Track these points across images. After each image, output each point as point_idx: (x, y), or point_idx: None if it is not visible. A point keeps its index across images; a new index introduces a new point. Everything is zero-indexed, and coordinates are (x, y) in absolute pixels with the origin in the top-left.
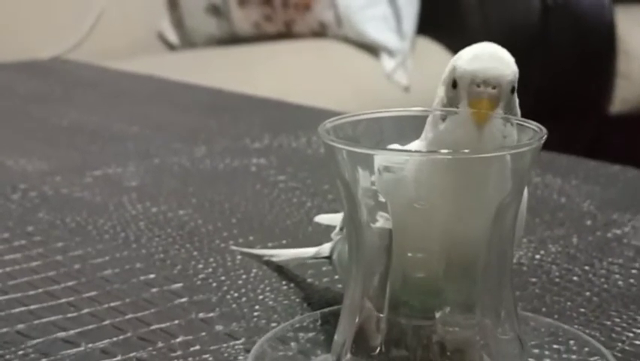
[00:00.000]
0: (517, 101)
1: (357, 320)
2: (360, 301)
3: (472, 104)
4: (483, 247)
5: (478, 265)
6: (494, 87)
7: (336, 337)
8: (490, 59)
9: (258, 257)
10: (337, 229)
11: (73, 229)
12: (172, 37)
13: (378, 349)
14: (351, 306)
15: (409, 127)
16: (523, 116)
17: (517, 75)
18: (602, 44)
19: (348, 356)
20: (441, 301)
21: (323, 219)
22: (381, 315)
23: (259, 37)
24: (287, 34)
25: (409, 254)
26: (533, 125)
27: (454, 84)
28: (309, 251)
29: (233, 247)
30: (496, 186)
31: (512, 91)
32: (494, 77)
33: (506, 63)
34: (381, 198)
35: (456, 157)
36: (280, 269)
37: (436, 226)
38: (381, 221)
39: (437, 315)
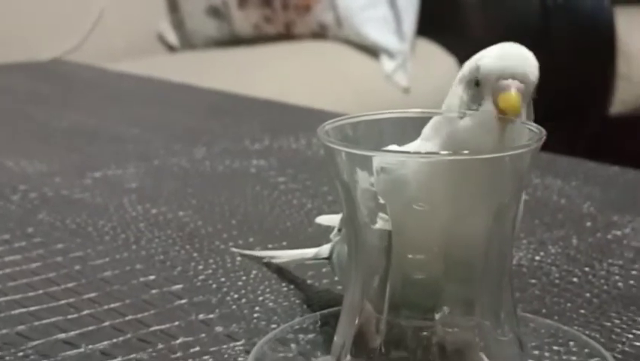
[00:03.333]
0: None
1: (356, 321)
2: (360, 302)
3: (500, 97)
4: (482, 248)
5: (477, 266)
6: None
7: (335, 338)
8: (518, 58)
9: (258, 258)
10: (335, 230)
11: (74, 230)
12: (172, 38)
13: (378, 350)
14: (350, 307)
15: (408, 128)
16: None
17: (537, 77)
18: (602, 45)
19: (348, 357)
20: (441, 302)
21: (323, 220)
22: (381, 316)
23: (259, 38)
24: (287, 35)
25: (409, 255)
26: (532, 126)
27: (476, 83)
28: (309, 252)
29: (233, 249)
30: (496, 187)
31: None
32: (522, 73)
33: (532, 62)
34: (381, 200)
35: (456, 158)
36: (280, 271)
37: (436, 227)
38: (381, 222)
39: (437, 316)
